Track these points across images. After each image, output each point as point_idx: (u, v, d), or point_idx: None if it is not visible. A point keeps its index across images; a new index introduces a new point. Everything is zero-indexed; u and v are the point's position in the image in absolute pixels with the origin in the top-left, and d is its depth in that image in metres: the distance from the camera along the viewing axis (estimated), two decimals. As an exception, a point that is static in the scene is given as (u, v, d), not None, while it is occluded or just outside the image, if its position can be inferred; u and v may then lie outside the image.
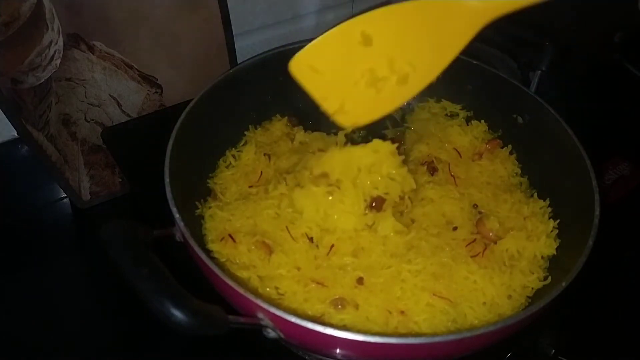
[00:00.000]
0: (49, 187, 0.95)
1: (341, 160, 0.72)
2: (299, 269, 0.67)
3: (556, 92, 0.84)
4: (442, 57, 0.66)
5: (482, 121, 0.88)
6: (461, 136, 0.86)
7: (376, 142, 0.72)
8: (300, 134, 0.86)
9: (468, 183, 0.80)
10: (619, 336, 0.78)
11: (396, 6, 0.65)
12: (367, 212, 0.71)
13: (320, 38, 0.67)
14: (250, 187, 0.78)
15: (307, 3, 1.11)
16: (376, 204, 0.71)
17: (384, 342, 0.53)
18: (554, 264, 0.70)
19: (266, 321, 0.56)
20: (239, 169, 0.81)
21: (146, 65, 0.91)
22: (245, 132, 0.86)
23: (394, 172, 0.72)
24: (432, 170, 0.81)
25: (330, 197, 0.70)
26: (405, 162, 0.75)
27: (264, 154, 0.81)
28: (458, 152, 0.85)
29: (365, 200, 0.71)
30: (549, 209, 0.76)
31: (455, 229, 0.73)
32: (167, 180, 0.65)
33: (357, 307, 0.64)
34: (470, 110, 0.90)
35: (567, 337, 0.79)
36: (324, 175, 0.71)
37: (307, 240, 0.70)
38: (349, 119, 0.70)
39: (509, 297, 0.67)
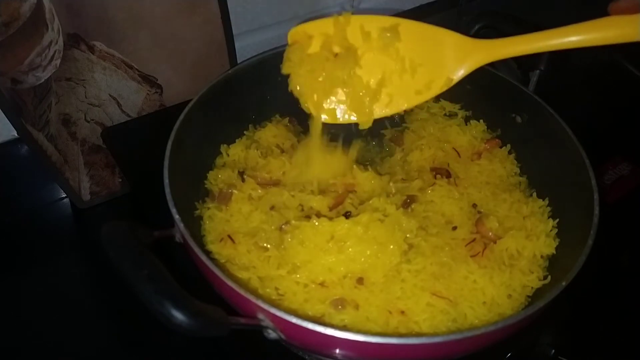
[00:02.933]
0: (49, 187, 0.95)
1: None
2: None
3: (555, 92, 0.84)
4: (430, 86, 0.71)
5: (481, 121, 0.88)
6: (460, 136, 0.86)
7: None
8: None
9: (467, 183, 0.80)
10: (619, 336, 0.78)
11: (402, 20, 0.70)
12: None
13: (324, 19, 0.71)
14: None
15: (307, 3, 1.11)
16: None
17: (385, 342, 0.53)
18: (553, 264, 0.70)
19: (267, 322, 0.56)
20: (230, 167, 0.80)
21: (146, 65, 0.91)
22: (245, 132, 0.86)
23: None
24: (447, 175, 0.80)
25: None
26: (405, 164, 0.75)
27: (238, 172, 0.78)
28: (457, 151, 0.85)
29: None
30: (548, 209, 0.76)
31: (454, 228, 0.73)
32: (166, 181, 0.65)
33: (357, 307, 0.64)
34: (468, 110, 0.89)
35: (567, 337, 0.79)
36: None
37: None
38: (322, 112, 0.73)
39: (509, 296, 0.67)
